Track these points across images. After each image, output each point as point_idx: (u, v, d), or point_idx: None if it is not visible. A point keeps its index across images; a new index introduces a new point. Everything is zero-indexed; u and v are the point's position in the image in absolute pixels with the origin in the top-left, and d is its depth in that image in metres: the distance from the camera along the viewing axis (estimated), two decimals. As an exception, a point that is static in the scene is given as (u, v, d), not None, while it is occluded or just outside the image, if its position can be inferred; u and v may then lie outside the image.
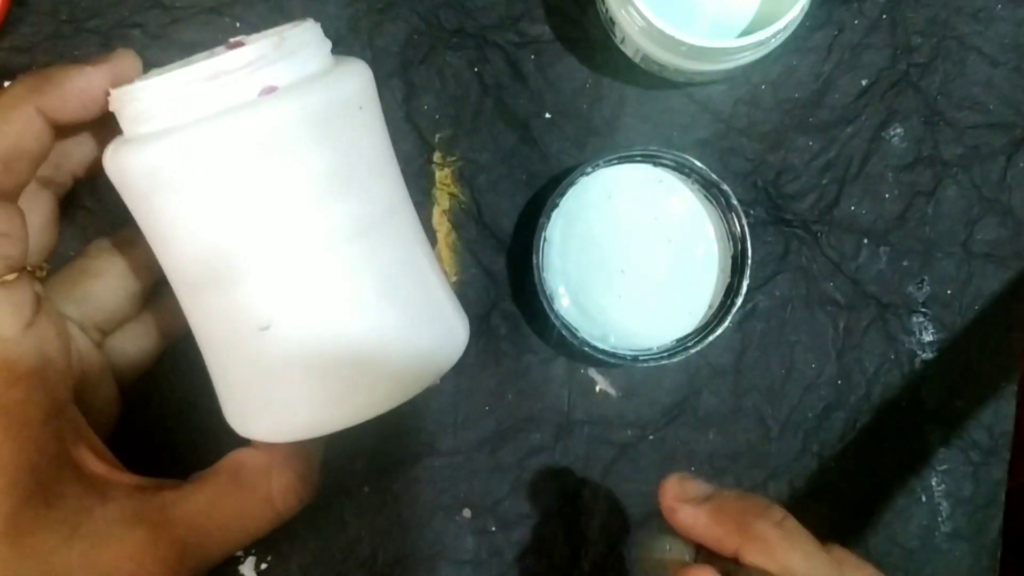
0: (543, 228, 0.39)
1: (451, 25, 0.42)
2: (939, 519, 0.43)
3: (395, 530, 0.42)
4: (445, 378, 0.41)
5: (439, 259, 0.42)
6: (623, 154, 0.39)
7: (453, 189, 0.42)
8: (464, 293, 0.42)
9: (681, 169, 0.40)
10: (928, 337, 0.43)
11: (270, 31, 0.34)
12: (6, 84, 0.41)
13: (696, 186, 0.40)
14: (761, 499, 0.33)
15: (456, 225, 0.42)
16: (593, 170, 0.39)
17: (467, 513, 0.42)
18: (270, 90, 0.29)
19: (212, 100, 0.29)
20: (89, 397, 0.34)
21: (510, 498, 0.42)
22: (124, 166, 0.30)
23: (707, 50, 0.36)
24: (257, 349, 0.31)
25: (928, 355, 0.43)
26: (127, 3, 0.42)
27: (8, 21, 0.41)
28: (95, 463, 0.32)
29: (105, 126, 0.32)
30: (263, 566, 0.41)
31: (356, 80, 0.32)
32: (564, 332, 0.39)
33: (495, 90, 0.42)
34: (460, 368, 0.36)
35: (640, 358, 0.39)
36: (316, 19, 0.41)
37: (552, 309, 0.39)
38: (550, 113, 0.42)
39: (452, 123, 0.42)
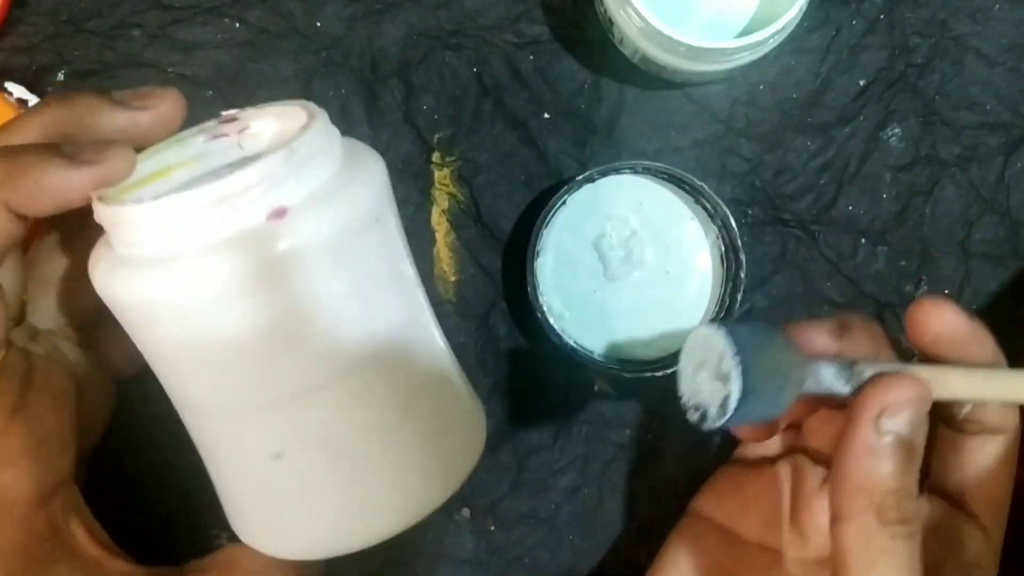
0: (535, 242, 0.39)
1: (450, 25, 0.42)
2: (937, 518, 0.43)
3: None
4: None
5: (438, 259, 0.42)
6: (614, 166, 0.39)
7: (452, 189, 0.42)
8: (463, 293, 0.42)
9: (672, 180, 0.40)
10: (926, 337, 0.43)
11: (268, 108, 0.31)
12: (7, 84, 0.41)
13: (688, 196, 0.40)
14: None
15: (455, 225, 0.42)
16: (584, 183, 0.39)
17: (466, 513, 0.42)
18: (281, 212, 0.26)
19: (217, 226, 0.26)
20: (80, 399, 0.33)
21: (509, 498, 0.42)
22: (119, 293, 0.28)
23: (705, 50, 0.36)
24: (268, 475, 0.29)
25: (926, 355, 0.43)
26: (127, 3, 0.42)
27: (8, 21, 0.41)
28: (88, 545, 0.31)
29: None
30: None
31: (372, 188, 0.29)
32: (567, 349, 0.39)
33: (494, 90, 0.42)
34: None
35: (643, 373, 0.39)
36: (316, 20, 0.42)
37: (549, 324, 0.39)
38: (549, 113, 0.42)
39: (451, 123, 0.42)
